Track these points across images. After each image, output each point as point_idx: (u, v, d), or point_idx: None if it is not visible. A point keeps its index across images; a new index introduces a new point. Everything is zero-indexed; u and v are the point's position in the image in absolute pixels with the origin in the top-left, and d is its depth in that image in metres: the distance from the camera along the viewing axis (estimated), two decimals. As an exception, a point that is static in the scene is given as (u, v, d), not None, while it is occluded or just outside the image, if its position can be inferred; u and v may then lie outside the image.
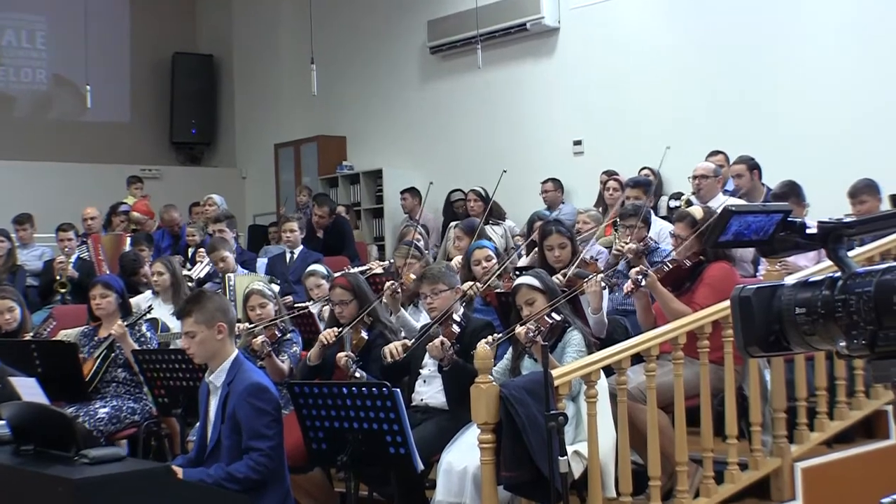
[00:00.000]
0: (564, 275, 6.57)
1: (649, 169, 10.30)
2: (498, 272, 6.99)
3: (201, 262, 9.69)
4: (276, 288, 7.34)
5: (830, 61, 9.99)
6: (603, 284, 6.20)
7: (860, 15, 9.91)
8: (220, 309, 4.98)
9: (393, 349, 5.75)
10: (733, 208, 2.04)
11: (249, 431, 4.75)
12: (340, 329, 6.14)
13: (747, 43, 10.67)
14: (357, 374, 5.77)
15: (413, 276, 7.21)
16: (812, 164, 9.42)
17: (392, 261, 8.36)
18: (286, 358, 6.45)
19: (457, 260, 7.94)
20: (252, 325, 6.51)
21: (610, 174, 10.15)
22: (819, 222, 2.05)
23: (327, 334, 6.15)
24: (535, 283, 5.57)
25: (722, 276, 5.87)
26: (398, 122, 14.47)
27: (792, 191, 7.37)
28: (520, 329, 5.25)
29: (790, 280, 2.05)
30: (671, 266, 5.99)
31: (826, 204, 7.31)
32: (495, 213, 10.61)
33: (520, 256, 8.14)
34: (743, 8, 10.80)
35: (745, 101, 10.56)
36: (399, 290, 6.89)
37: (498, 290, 6.74)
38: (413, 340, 5.82)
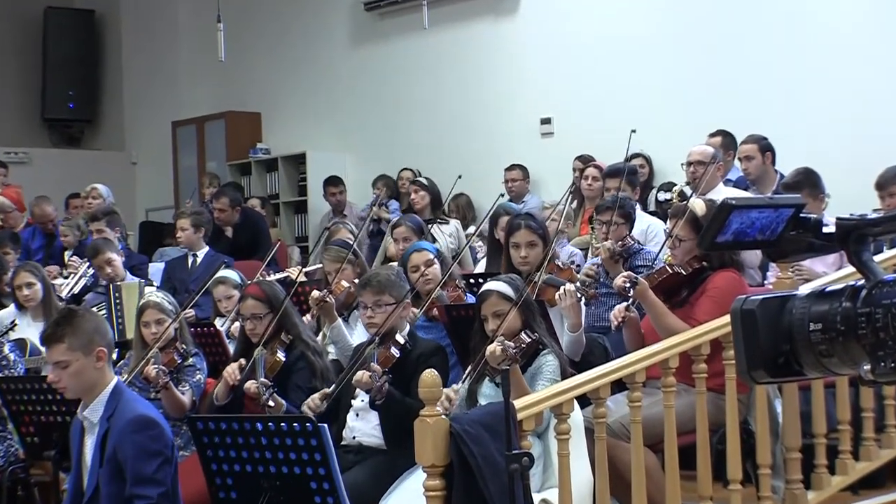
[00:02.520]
0: (530, 280, 6.53)
1: (643, 157, 10.34)
2: (442, 280, 6.92)
3: (74, 272, 9.55)
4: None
5: (857, 27, 10.01)
6: (578, 295, 6.20)
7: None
8: (99, 330, 4.94)
9: (311, 404, 5.69)
10: (733, 202, 2.03)
11: (134, 476, 4.73)
12: (246, 363, 6.09)
13: (758, 2, 10.70)
14: (271, 403, 5.76)
15: (346, 284, 7.16)
16: (833, 149, 9.50)
17: (321, 265, 8.31)
18: (188, 388, 6.40)
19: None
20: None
21: (586, 160, 10.16)
22: (838, 219, 2.05)
23: (231, 372, 6.07)
24: (509, 291, 5.55)
25: (728, 286, 5.84)
26: (325, 96, 14.42)
27: (806, 180, 7.39)
28: (494, 346, 5.24)
29: (804, 290, 2.06)
30: (666, 274, 5.99)
31: (849, 197, 7.37)
32: (466, 215, 10.62)
33: (476, 261, 8.16)
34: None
35: (754, 72, 10.56)
36: (327, 299, 6.85)
37: (445, 304, 6.71)
38: (333, 386, 5.78)
